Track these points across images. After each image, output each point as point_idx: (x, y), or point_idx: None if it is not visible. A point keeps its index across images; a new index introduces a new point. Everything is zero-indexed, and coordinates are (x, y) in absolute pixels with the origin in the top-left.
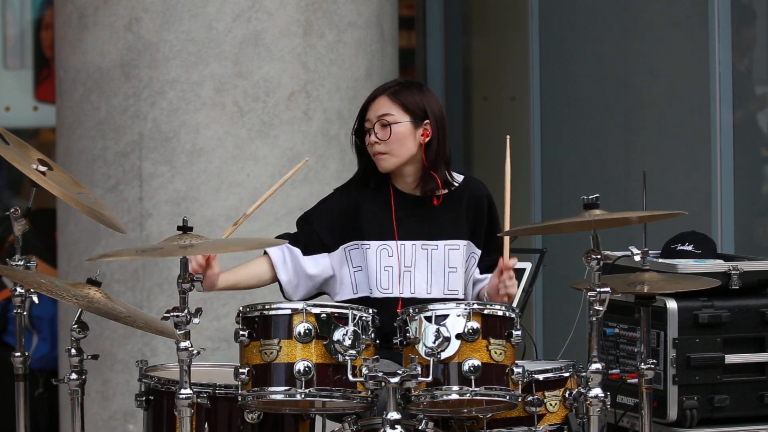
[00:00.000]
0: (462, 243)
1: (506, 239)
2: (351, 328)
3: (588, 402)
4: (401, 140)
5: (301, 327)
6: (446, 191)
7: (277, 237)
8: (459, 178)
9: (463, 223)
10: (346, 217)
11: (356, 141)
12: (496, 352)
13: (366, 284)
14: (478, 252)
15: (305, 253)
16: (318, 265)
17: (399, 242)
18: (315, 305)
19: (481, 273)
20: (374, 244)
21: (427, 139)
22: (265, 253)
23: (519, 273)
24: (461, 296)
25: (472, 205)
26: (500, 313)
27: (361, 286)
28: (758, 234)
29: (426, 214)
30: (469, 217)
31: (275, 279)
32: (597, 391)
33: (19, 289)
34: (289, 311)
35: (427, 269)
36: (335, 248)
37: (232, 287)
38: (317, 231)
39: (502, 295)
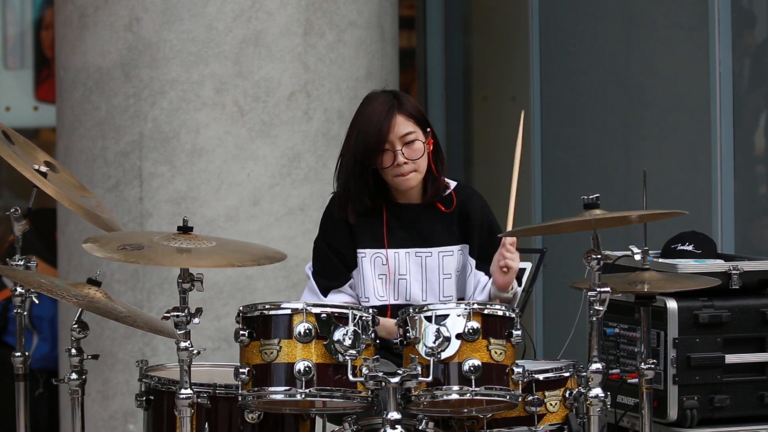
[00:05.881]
0: (455, 248)
1: (511, 212)
2: (351, 328)
3: (588, 402)
4: (424, 155)
5: (301, 327)
6: (444, 198)
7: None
8: (452, 184)
9: (455, 230)
10: (348, 230)
11: (363, 168)
12: (496, 352)
13: (361, 293)
14: (473, 261)
15: (348, 277)
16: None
17: (391, 251)
18: (315, 305)
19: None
20: (369, 252)
21: (432, 147)
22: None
23: (519, 273)
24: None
25: (463, 213)
26: (500, 313)
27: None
28: (758, 234)
29: (418, 223)
30: (460, 224)
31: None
32: (597, 391)
33: (19, 289)
34: (289, 311)
35: (421, 277)
36: (355, 264)
37: None
38: (345, 255)
39: (501, 266)
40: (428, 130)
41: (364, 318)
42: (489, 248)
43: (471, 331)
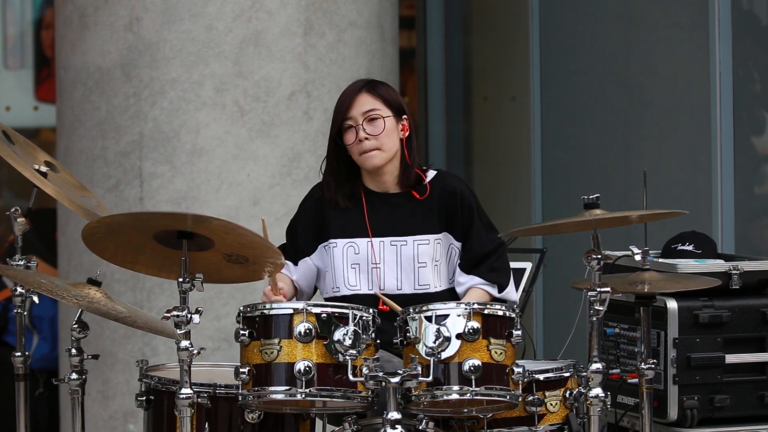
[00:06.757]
0: (432, 237)
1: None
2: (351, 327)
3: (588, 402)
4: (390, 134)
5: (301, 327)
6: (419, 185)
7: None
8: (431, 173)
9: (434, 218)
10: (319, 217)
11: (334, 144)
12: (496, 352)
13: (331, 283)
14: (458, 244)
15: (295, 262)
16: (303, 270)
17: (364, 240)
18: (315, 305)
19: (462, 271)
20: (341, 243)
21: (407, 134)
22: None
23: (519, 273)
24: (434, 290)
25: (444, 198)
26: (500, 312)
27: (326, 288)
28: (758, 234)
29: (395, 212)
30: (441, 211)
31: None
32: (597, 391)
33: (19, 289)
34: (289, 311)
35: (396, 265)
36: (313, 251)
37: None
38: (298, 239)
39: None
40: (404, 116)
41: (364, 318)
42: (470, 231)
43: (471, 331)
